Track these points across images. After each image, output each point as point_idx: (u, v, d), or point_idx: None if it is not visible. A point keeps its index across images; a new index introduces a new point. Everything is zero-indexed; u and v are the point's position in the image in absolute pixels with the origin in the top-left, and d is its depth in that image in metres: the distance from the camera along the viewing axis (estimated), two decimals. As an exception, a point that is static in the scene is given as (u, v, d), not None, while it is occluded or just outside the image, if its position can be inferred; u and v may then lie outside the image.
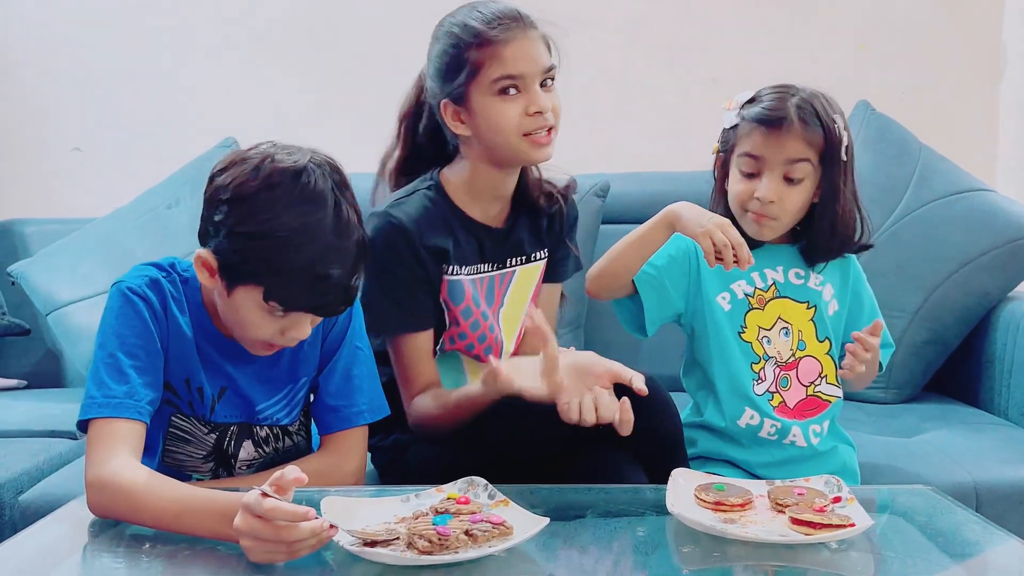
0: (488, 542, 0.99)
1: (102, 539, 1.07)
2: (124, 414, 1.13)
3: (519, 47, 1.33)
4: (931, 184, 2.09)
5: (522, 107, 1.34)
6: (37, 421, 1.87)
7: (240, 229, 1.12)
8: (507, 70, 1.33)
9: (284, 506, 0.92)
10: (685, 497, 1.14)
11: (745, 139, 1.43)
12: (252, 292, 1.14)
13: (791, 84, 1.44)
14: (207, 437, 1.27)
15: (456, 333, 1.46)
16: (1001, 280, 2.02)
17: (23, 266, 2.17)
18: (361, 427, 1.32)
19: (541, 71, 1.35)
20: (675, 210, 1.38)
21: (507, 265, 1.50)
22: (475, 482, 1.15)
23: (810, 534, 1.04)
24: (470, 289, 1.45)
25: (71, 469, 1.62)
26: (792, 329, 1.47)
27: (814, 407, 1.47)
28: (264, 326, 1.16)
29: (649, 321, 1.47)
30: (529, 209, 1.51)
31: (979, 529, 1.12)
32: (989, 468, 1.58)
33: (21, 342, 2.28)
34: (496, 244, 1.48)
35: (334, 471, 1.26)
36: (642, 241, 1.41)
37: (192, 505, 1.03)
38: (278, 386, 1.29)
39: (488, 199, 1.47)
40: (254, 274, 1.13)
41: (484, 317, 1.47)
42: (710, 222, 1.32)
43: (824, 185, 1.42)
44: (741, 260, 1.31)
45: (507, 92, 1.34)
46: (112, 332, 1.17)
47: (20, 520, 1.50)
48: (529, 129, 1.35)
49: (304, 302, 1.14)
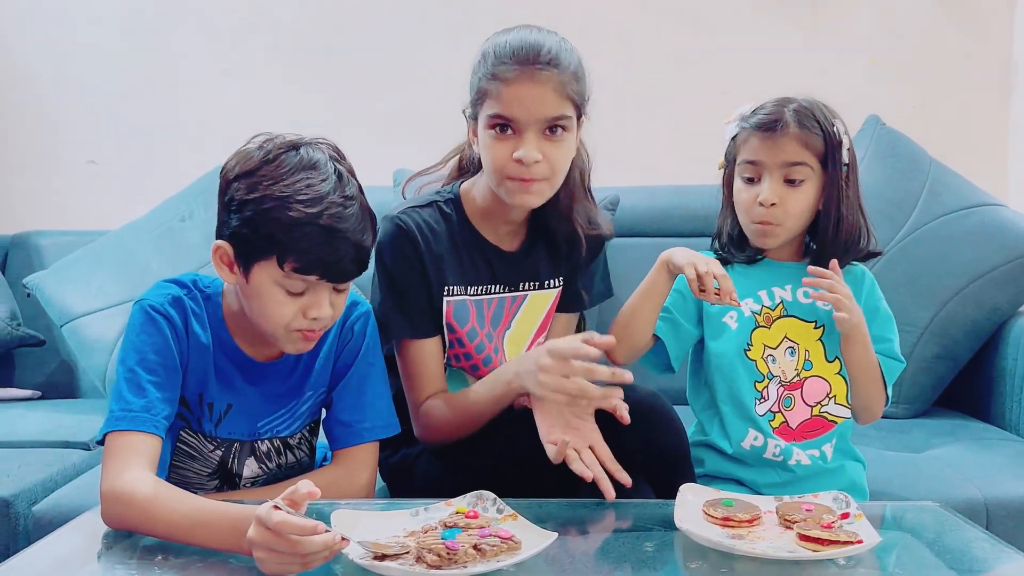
0: (497, 556, 1.00)
1: (115, 551, 1.08)
2: (141, 427, 1.15)
3: (520, 91, 1.28)
4: (941, 199, 2.09)
5: (511, 149, 1.30)
6: (51, 432, 1.88)
7: (247, 199, 1.15)
8: (500, 110, 1.30)
9: (294, 520, 0.93)
10: (693, 513, 1.15)
11: (744, 146, 1.45)
12: (268, 268, 1.16)
13: (791, 96, 1.46)
14: (212, 454, 1.28)
15: (461, 353, 1.45)
16: (1011, 295, 2.01)
17: (38, 278, 2.19)
18: (372, 443, 1.32)
19: (540, 120, 1.29)
20: (668, 253, 1.42)
21: (520, 289, 1.48)
22: (484, 496, 1.16)
23: (818, 550, 1.04)
24: (474, 309, 1.44)
25: (85, 480, 1.63)
26: (798, 348, 1.47)
27: (818, 427, 1.47)
28: (285, 306, 1.17)
29: (674, 358, 1.49)
30: (548, 235, 1.47)
31: (988, 547, 1.12)
32: (1000, 484, 1.58)
33: (36, 353, 2.30)
34: (509, 267, 1.46)
35: (345, 485, 1.27)
36: (649, 292, 1.44)
37: (206, 518, 1.04)
38: (281, 401, 1.30)
39: (500, 223, 1.45)
40: (266, 242, 1.15)
41: (489, 339, 1.46)
42: (695, 256, 1.37)
43: (826, 188, 1.43)
44: (724, 291, 1.34)
45: (503, 130, 1.31)
46: (133, 348, 1.19)
47: (34, 531, 1.51)
48: (511, 173, 1.31)
49: (317, 259, 1.15)
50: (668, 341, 1.47)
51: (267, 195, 1.14)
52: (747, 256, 1.50)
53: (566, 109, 1.31)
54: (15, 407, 2.13)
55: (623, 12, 2.56)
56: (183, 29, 2.58)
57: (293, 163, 1.16)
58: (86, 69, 2.59)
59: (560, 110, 1.30)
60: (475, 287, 1.44)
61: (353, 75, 2.57)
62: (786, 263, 1.50)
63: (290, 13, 2.57)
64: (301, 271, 1.15)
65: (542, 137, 1.31)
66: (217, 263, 1.20)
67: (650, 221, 2.28)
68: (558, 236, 1.46)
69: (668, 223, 2.27)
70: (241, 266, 1.18)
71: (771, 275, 1.48)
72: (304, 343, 1.22)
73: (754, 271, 1.49)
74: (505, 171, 1.32)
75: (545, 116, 1.30)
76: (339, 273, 1.18)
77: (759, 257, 1.50)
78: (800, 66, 2.52)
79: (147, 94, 2.59)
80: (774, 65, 2.53)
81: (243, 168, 1.17)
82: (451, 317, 1.43)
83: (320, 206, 1.14)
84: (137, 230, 2.25)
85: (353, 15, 2.57)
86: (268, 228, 1.14)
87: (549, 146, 1.31)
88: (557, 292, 1.51)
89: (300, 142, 1.19)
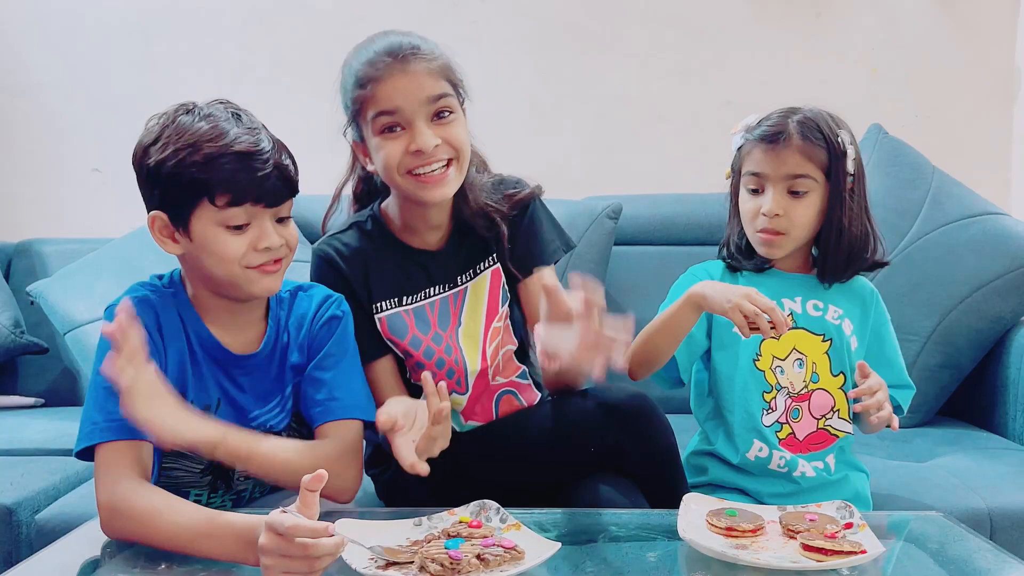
0: (500, 566, 1.00)
1: (119, 559, 1.08)
2: (129, 435, 1.14)
3: (395, 82, 1.28)
4: (944, 208, 2.10)
5: (404, 144, 1.29)
6: (54, 440, 1.88)
7: (160, 160, 1.20)
8: (381, 107, 1.29)
9: (305, 523, 0.93)
10: (697, 522, 1.15)
11: (748, 158, 1.45)
12: (204, 213, 1.19)
13: (798, 106, 1.46)
14: None
15: (412, 364, 1.43)
16: (1014, 304, 2.01)
17: (42, 286, 2.20)
18: (350, 423, 1.28)
19: (423, 102, 1.29)
20: (699, 291, 1.36)
21: (457, 284, 1.46)
22: (487, 506, 1.16)
23: (821, 560, 1.04)
24: (412, 319, 1.43)
25: (88, 488, 1.63)
26: (806, 361, 1.47)
27: (822, 441, 1.47)
28: (233, 244, 1.20)
29: (683, 370, 1.48)
30: (469, 230, 1.45)
31: (992, 557, 1.12)
32: (1003, 494, 1.58)
33: (39, 361, 2.30)
34: (441, 266, 1.44)
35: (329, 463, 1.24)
36: (673, 327, 1.40)
37: (207, 529, 1.04)
38: (269, 395, 1.30)
39: (423, 229, 1.43)
40: (192, 188, 1.18)
41: (437, 341, 1.43)
42: (736, 295, 1.31)
43: (829, 196, 1.43)
44: (778, 324, 1.29)
45: (392, 131, 1.30)
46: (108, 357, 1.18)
47: (37, 539, 1.52)
48: (411, 167, 1.30)
49: (242, 185, 1.18)
50: (681, 358, 1.47)
51: (177, 148, 1.19)
52: (755, 264, 1.50)
53: (444, 88, 1.31)
54: (18, 415, 2.14)
55: (627, 22, 2.56)
56: (187, 38, 2.59)
57: (192, 119, 1.22)
58: (91, 77, 2.60)
59: (439, 88, 1.30)
60: (411, 296, 1.43)
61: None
62: (796, 274, 1.50)
63: (294, 22, 2.58)
64: (233, 202, 1.18)
65: (432, 123, 1.30)
66: (158, 237, 1.23)
67: (653, 230, 2.29)
68: (481, 230, 1.44)
69: (671, 232, 2.28)
70: (181, 226, 1.21)
71: (781, 287, 1.48)
72: (268, 279, 1.23)
73: (764, 283, 1.49)
74: (404, 166, 1.30)
75: (427, 96, 1.29)
76: (269, 194, 1.20)
77: (767, 266, 1.50)
78: (802, 75, 2.53)
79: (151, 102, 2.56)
80: (777, 74, 2.54)
81: (147, 140, 1.23)
82: (388, 332, 1.41)
83: (228, 138, 1.19)
84: (141, 238, 2.25)
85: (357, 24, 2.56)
86: (188, 174, 1.18)
87: (442, 129, 1.31)
88: (492, 271, 1.47)
89: (192, 104, 1.25)
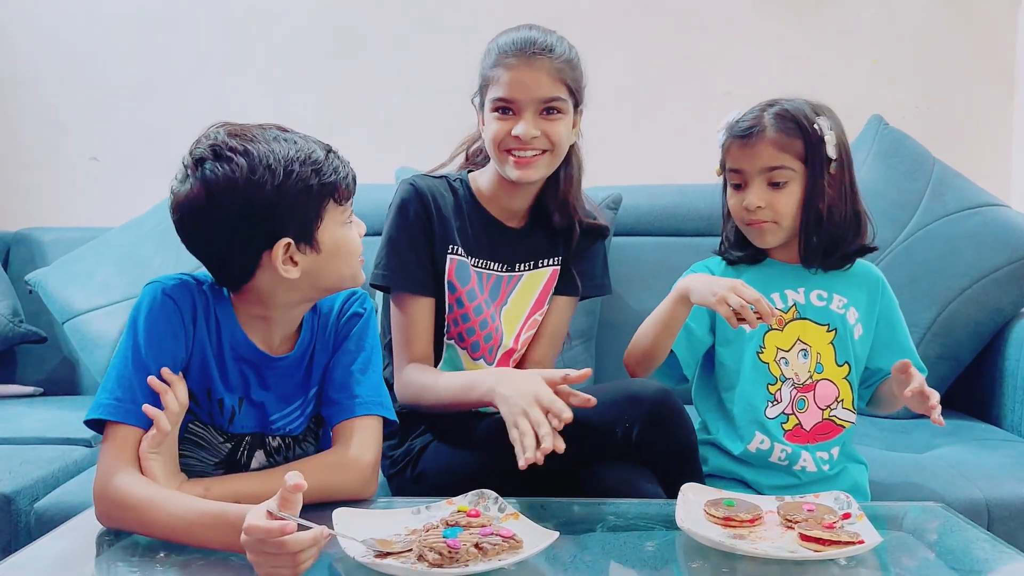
0: (498, 555, 1.00)
1: (116, 548, 1.08)
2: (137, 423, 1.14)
3: (518, 75, 1.43)
4: (944, 199, 2.09)
5: (510, 127, 1.44)
6: (53, 429, 1.88)
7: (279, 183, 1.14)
8: (501, 94, 1.44)
9: (262, 524, 0.92)
10: (695, 512, 1.15)
11: (726, 154, 1.47)
12: (331, 216, 1.20)
13: (777, 98, 1.46)
14: (222, 446, 1.28)
15: (460, 315, 1.50)
16: (1014, 296, 2.01)
17: (40, 275, 2.20)
18: (369, 419, 1.29)
19: (536, 100, 1.43)
20: (686, 284, 1.40)
21: (516, 269, 1.57)
22: (485, 495, 1.16)
23: (819, 551, 1.04)
24: (475, 276, 1.52)
25: (86, 477, 1.64)
26: (811, 351, 1.47)
27: (828, 431, 1.47)
28: (357, 239, 1.25)
29: (685, 366, 1.49)
30: (547, 220, 1.56)
31: (989, 547, 1.12)
32: (1001, 485, 1.58)
33: (38, 350, 2.30)
34: (508, 245, 1.55)
35: (346, 461, 1.25)
36: (667, 321, 1.42)
37: (202, 519, 1.04)
38: (292, 398, 1.30)
39: (505, 207, 1.55)
40: (321, 194, 1.18)
41: (487, 304, 1.53)
42: (721, 288, 1.33)
43: (808, 183, 1.43)
44: (765, 315, 1.31)
45: (504, 112, 1.45)
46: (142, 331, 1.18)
47: (35, 527, 1.52)
48: (509, 147, 1.45)
49: (347, 178, 1.21)
50: (682, 355, 1.48)
51: (287, 169, 1.15)
52: (750, 255, 1.50)
53: (560, 92, 1.45)
54: (17, 404, 2.14)
55: (626, 12, 2.55)
56: (185, 27, 2.58)
57: (258, 147, 1.15)
58: (89, 67, 2.59)
59: (554, 92, 1.44)
60: (476, 258, 1.53)
61: (356, 74, 2.57)
62: (796, 265, 1.50)
63: (293, 13, 2.57)
64: (347, 194, 1.22)
65: (539, 117, 1.44)
66: (285, 267, 1.18)
67: (652, 220, 2.28)
68: (556, 222, 1.55)
69: (670, 222, 2.28)
70: (306, 242, 1.19)
71: (784, 278, 1.48)
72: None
73: (766, 274, 1.49)
74: (503, 144, 1.45)
75: (541, 96, 1.44)
76: (354, 181, 1.24)
77: (764, 257, 1.51)
78: (803, 66, 2.52)
79: (149, 91, 2.59)
80: (777, 65, 2.53)
81: (233, 182, 1.14)
82: (453, 275, 1.50)
83: (305, 144, 1.19)
84: (139, 227, 2.26)
85: (356, 16, 2.57)
86: (314, 184, 1.17)
87: (545, 124, 1.44)
88: (552, 271, 1.58)
89: (221, 143, 1.16)
